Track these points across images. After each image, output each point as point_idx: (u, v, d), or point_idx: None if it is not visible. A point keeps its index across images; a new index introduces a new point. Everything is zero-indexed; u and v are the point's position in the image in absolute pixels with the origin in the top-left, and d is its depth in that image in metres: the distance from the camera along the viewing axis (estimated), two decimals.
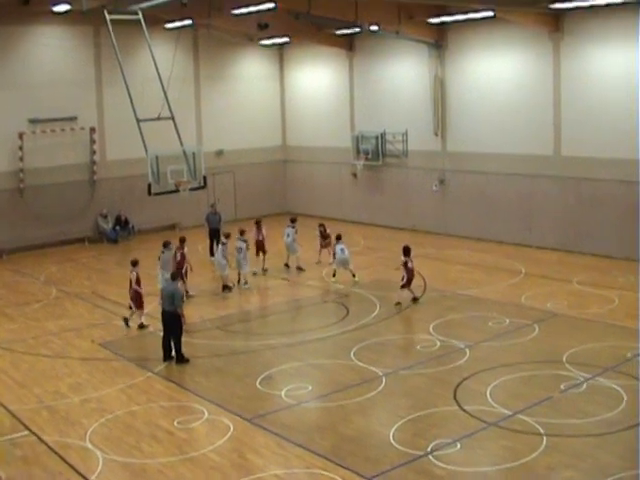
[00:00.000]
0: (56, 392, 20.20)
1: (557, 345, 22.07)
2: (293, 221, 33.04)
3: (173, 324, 21.96)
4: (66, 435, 17.49)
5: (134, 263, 25.35)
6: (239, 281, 30.17)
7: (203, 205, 39.24)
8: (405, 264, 26.74)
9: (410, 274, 26.84)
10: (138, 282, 25.03)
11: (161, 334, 22.49)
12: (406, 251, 26.99)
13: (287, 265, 32.61)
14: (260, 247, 31.97)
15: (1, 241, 37.72)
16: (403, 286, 26.75)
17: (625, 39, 31.05)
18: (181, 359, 21.95)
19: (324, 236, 32.93)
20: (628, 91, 30.95)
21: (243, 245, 30.04)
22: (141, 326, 25.20)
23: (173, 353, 22.09)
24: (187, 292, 27.83)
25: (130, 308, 25.35)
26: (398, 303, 26.63)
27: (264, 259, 32.03)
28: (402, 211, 40.70)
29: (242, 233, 30.52)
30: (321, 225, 33.42)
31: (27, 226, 38.60)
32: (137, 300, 25.02)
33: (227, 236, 30.49)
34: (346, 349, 22.45)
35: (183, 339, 22.06)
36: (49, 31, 38.90)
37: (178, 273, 25.68)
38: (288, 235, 32.46)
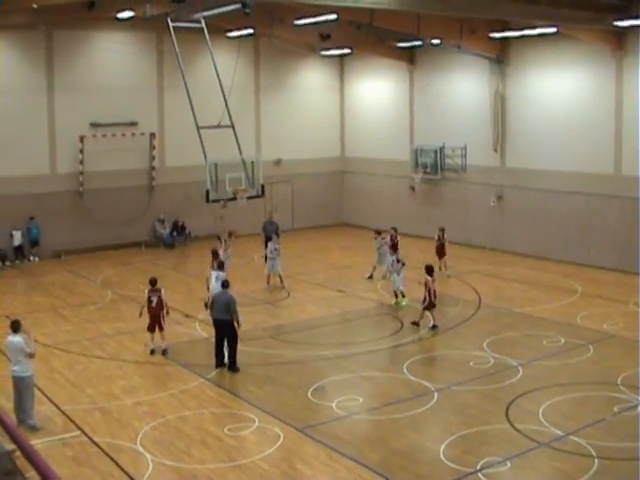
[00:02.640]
0: (109, 394, 20.38)
1: (611, 366, 21.80)
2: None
3: (229, 332, 21.93)
4: (117, 437, 17.61)
5: (155, 282, 23.75)
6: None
7: (260, 214, 39.36)
8: (426, 284, 25.68)
9: (431, 296, 25.61)
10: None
11: (214, 340, 22.53)
12: (429, 270, 25.91)
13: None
14: None
15: (60, 242, 38.24)
16: (426, 307, 25.70)
17: None
18: (234, 367, 21.94)
19: (394, 243, 32.12)
20: None
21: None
22: (153, 352, 23.70)
23: (226, 360, 22.12)
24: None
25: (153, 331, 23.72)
26: (415, 323, 25.81)
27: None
28: (459, 226, 40.46)
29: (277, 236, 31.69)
30: (393, 229, 33.10)
31: (85, 228, 39.09)
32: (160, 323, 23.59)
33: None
34: (399, 362, 22.39)
35: (238, 347, 22.08)
36: (113, 37, 39.44)
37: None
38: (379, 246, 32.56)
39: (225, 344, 22.20)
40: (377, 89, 46.07)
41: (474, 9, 28.02)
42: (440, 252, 33.48)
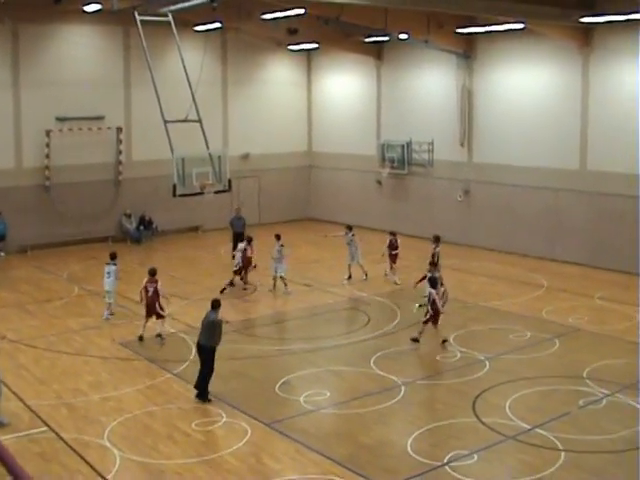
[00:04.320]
0: (76, 390, 20.30)
1: (577, 360, 22.00)
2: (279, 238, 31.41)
3: (205, 359, 19.57)
4: (84, 433, 17.55)
5: (154, 273, 24.55)
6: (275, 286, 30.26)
7: (226, 208, 39.31)
8: (429, 297, 23.74)
9: (436, 310, 23.52)
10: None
11: (182, 335, 22.47)
12: (433, 282, 24.09)
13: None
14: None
15: (26, 237, 37.99)
16: (426, 321, 23.61)
17: None
18: (204, 396, 19.46)
19: (393, 247, 31.38)
20: None
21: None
22: (141, 338, 24.25)
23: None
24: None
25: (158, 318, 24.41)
26: (415, 339, 23.78)
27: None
28: (426, 220, 40.60)
29: (278, 238, 30.50)
30: (392, 234, 31.80)
31: (52, 223, 38.87)
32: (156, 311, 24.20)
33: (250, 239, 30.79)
34: (366, 357, 22.44)
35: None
36: (79, 30, 39.21)
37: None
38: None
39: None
40: (344, 84, 46.11)
41: (441, 4, 28.14)
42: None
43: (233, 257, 33.62)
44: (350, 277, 31.78)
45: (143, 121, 39.48)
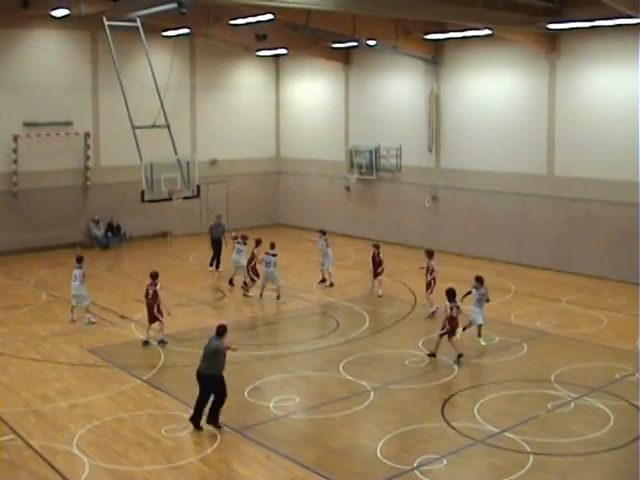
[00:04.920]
0: (44, 396, 20.16)
1: (545, 364, 22.13)
2: (273, 247, 29.99)
3: (215, 389, 18.18)
4: (53, 440, 17.45)
5: (155, 276, 24.51)
6: (261, 295, 29.90)
7: (195, 214, 39.23)
8: (445, 310, 22.85)
9: (453, 323, 22.67)
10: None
11: (151, 342, 22.35)
12: (451, 295, 22.84)
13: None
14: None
15: None
16: (443, 334, 22.67)
17: (621, 60, 31.30)
18: (215, 422, 18.15)
19: (376, 262, 30.03)
20: (622, 113, 31.21)
21: (272, 259, 29.29)
22: (162, 341, 24.30)
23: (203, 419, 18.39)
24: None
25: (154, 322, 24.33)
26: (432, 354, 22.90)
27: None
28: (394, 226, 40.74)
29: (272, 246, 29.70)
30: (375, 246, 30.43)
31: (19, 229, 38.63)
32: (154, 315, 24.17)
33: (245, 238, 30.92)
34: (335, 362, 22.46)
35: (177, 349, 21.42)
36: (47, 35, 39.01)
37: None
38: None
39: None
40: (313, 90, 46.17)
41: (408, 10, 28.16)
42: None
43: (211, 264, 33.61)
44: (323, 280, 31.81)
45: (111, 126, 39.32)
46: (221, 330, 18.54)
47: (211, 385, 18.09)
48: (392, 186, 41.41)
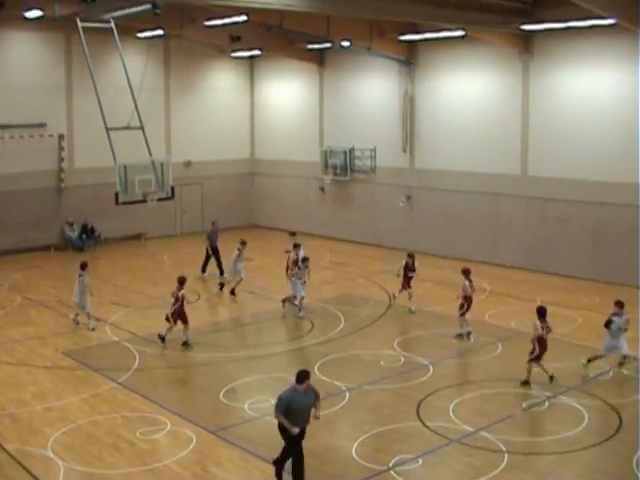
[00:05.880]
0: (19, 400, 20.05)
1: (520, 363, 22.13)
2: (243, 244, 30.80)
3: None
4: (28, 443, 17.35)
5: (183, 281, 24.34)
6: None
7: (170, 216, 39.10)
8: (542, 329, 20.75)
9: (543, 345, 20.80)
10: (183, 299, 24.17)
11: (126, 344, 22.31)
12: (541, 313, 20.97)
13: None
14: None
15: None
16: (533, 359, 20.79)
17: (594, 61, 31.54)
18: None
19: (409, 269, 28.35)
20: (595, 113, 31.42)
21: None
22: (185, 343, 24.21)
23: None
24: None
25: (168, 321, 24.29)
26: (526, 382, 20.70)
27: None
28: (369, 226, 40.82)
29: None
30: (410, 256, 28.63)
31: None
32: (183, 316, 24.25)
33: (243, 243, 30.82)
34: (310, 363, 22.40)
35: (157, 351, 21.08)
36: (20, 37, 38.76)
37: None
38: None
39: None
40: (287, 91, 46.15)
41: (382, 11, 28.21)
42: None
43: (203, 271, 33.41)
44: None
45: (85, 128, 39.13)
46: (304, 375, 15.53)
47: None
48: (367, 187, 41.47)
